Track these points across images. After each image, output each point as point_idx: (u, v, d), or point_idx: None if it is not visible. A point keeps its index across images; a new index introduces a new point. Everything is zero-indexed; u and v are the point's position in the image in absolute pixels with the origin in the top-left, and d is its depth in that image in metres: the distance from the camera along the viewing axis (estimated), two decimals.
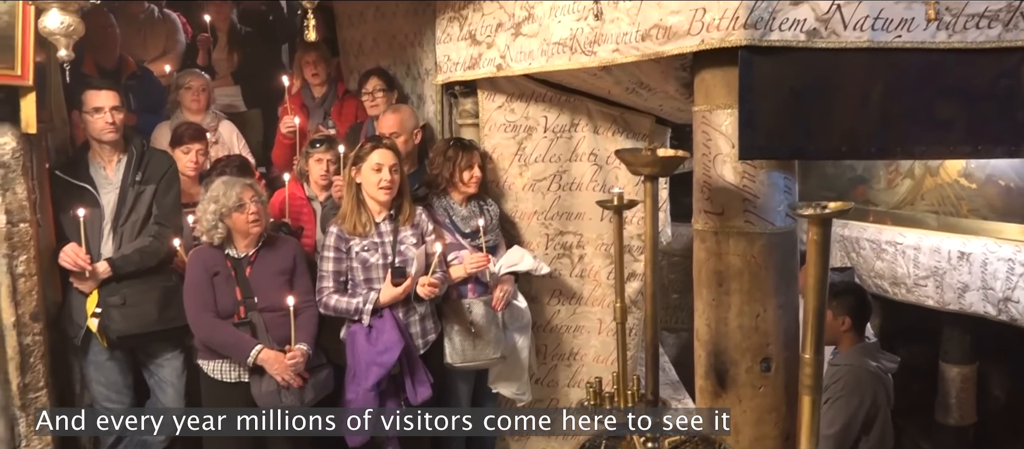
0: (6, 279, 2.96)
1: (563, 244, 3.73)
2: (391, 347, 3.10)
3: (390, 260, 3.21)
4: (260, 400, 3.01)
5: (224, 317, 3.04)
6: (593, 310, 3.77)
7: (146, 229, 3.34)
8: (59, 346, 3.40)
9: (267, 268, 3.12)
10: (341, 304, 3.18)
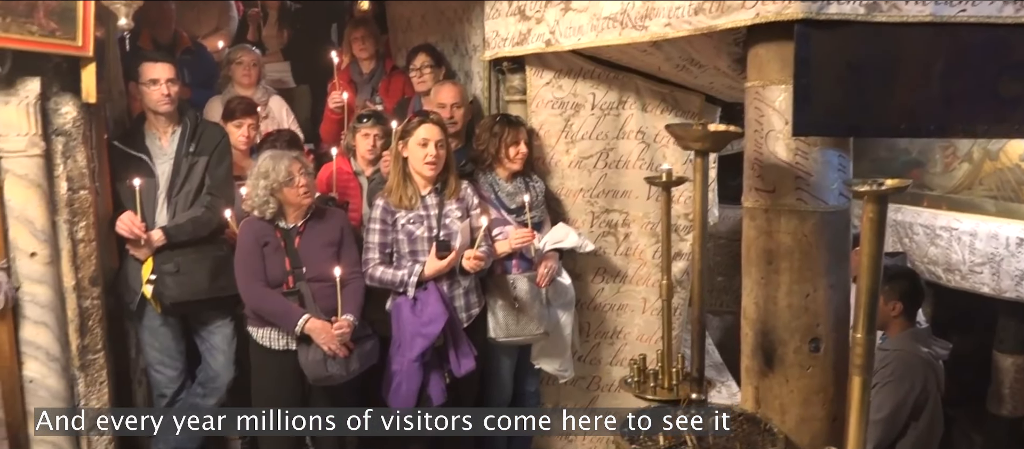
0: (67, 244, 3.05)
1: (608, 222, 3.71)
2: (435, 319, 3.13)
3: (435, 233, 3.23)
4: (307, 368, 3.07)
5: (273, 286, 3.09)
6: (637, 289, 3.75)
7: (199, 199, 3.42)
8: (116, 311, 3.50)
9: (315, 239, 3.17)
10: (386, 276, 3.22)
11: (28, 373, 2.96)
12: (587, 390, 3.90)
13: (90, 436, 3.19)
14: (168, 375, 3.55)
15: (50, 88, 2.98)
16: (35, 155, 2.89)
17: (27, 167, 2.87)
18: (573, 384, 3.85)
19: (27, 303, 2.93)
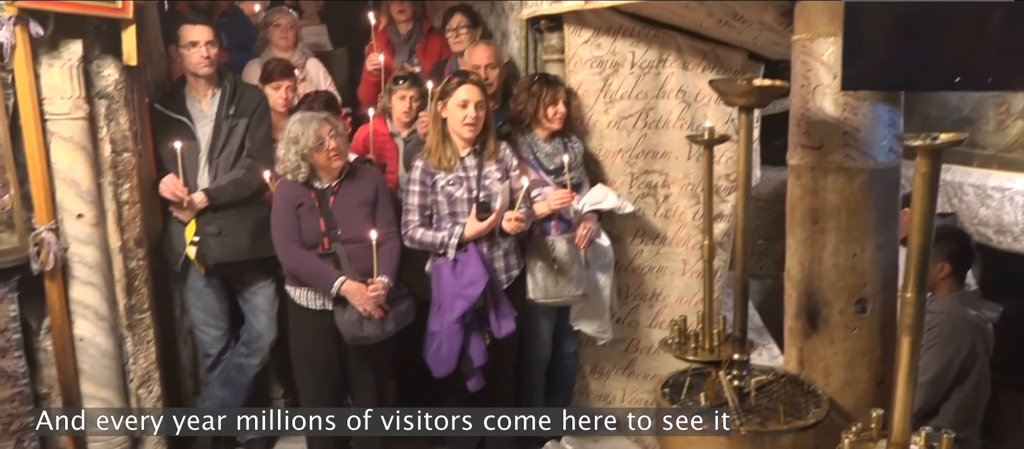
0: (112, 205, 3.10)
1: (648, 183, 3.66)
2: (476, 281, 3.13)
3: (475, 195, 3.22)
4: (343, 328, 3.10)
5: (309, 248, 3.11)
6: (677, 251, 3.71)
7: (239, 162, 3.46)
8: (160, 272, 3.57)
9: (350, 199, 3.17)
10: (426, 237, 3.22)
11: (78, 331, 3.03)
12: (626, 352, 3.89)
13: (138, 392, 3.26)
14: (212, 335, 3.63)
15: (92, 51, 3.01)
16: (79, 118, 2.93)
17: (72, 129, 2.91)
18: (611, 346, 3.84)
19: (75, 264, 2.98)
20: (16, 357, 2.88)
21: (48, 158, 2.89)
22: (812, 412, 2.35)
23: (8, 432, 2.87)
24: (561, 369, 3.79)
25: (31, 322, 2.97)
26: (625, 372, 3.92)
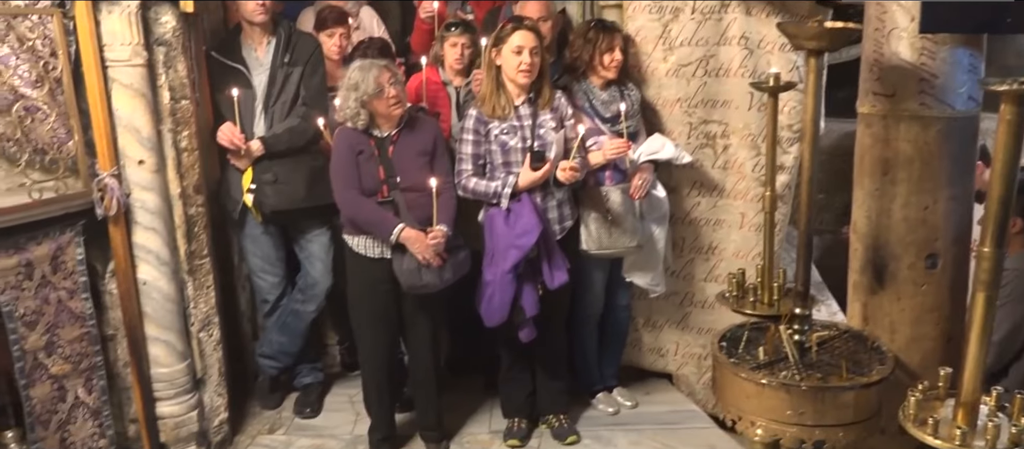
0: (171, 152, 3.14)
1: (707, 133, 3.57)
2: (529, 231, 3.10)
3: (529, 144, 3.17)
4: (401, 276, 3.11)
5: (368, 195, 3.11)
6: (735, 203, 3.62)
7: (294, 110, 3.47)
8: (219, 219, 3.63)
9: (409, 148, 3.16)
10: (479, 187, 3.20)
11: (141, 276, 3.10)
12: (680, 306, 3.84)
13: (199, 336, 3.34)
14: (269, 281, 3.69)
15: None
16: (138, 65, 2.95)
17: (132, 76, 2.94)
18: (665, 299, 3.79)
19: (138, 209, 3.04)
20: (83, 299, 2.97)
21: (110, 105, 2.93)
22: (876, 369, 2.28)
23: (78, 371, 2.97)
24: (613, 322, 3.76)
25: (97, 266, 3.05)
26: (678, 326, 3.87)
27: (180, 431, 3.27)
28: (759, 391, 2.26)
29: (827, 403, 2.21)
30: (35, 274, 2.82)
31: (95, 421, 3.05)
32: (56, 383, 2.91)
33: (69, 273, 2.92)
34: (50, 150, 2.85)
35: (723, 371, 2.41)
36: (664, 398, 3.92)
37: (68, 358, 2.94)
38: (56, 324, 2.89)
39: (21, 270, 2.77)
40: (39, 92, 2.80)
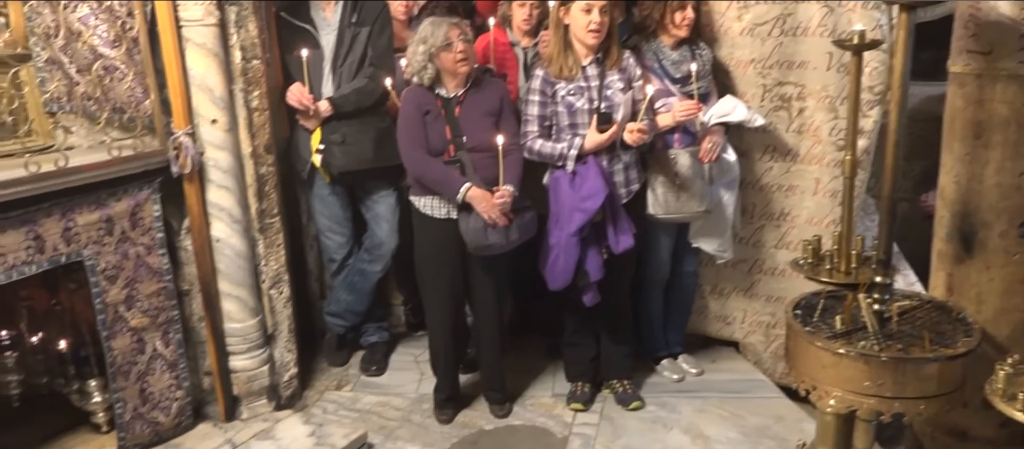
0: (243, 111, 3.18)
1: (781, 95, 3.44)
2: (595, 194, 3.05)
3: (596, 105, 3.12)
4: (467, 236, 3.10)
5: (434, 155, 3.11)
6: (809, 169, 3.49)
7: (362, 70, 3.48)
8: (288, 179, 3.68)
9: (476, 109, 3.14)
10: (545, 149, 3.16)
11: (215, 233, 3.17)
12: (748, 273, 3.75)
13: (270, 293, 3.41)
14: (337, 241, 3.74)
15: None
16: (211, 24, 2.99)
17: (205, 36, 2.98)
18: (732, 266, 3.71)
19: (211, 168, 3.10)
20: (160, 254, 3.05)
21: (184, 64, 2.97)
22: (961, 341, 2.18)
23: (156, 324, 3.07)
24: (679, 288, 3.70)
25: (172, 222, 3.13)
26: (746, 293, 3.79)
27: (252, 385, 3.36)
28: (836, 361, 2.19)
29: (908, 375, 2.13)
30: (115, 229, 2.90)
31: (172, 373, 3.15)
32: (135, 335, 3.02)
33: (147, 229, 3.00)
34: (128, 108, 2.92)
35: (797, 340, 2.34)
36: (730, 366, 3.86)
37: (146, 311, 3.03)
38: (135, 278, 2.98)
39: (102, 225, 2.86)
40: (117, 52, 2.86)
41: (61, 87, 2.91)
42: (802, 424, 3.32)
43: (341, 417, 3.50)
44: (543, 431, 3.37)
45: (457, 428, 3.42)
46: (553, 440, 3.30)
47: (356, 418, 3.49)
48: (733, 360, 3.91)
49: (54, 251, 2.74)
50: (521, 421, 3.46)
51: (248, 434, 3.23)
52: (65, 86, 2.91)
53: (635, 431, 3.34)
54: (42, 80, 2.91)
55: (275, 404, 3.46)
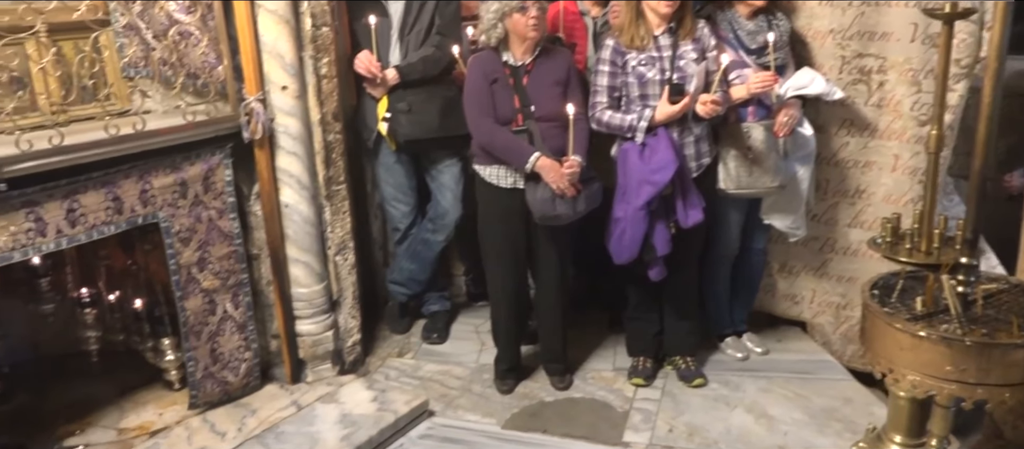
0: (312, 79, 3.21)
1: (861, 68, 3.31)
2: (665, 166, 2.99)
3: (667, 76, 3.04)
4: (534, 206, 3.08)
5: (502, 124, 3.08)
6: (888, 144, 3.36)
7: (429, 39, 3.47)
8: (354, 148, 3.71)
9: (544, 78, 3.10)
10: (614, 120, 3.10)
11: (284, 198, 3.22)
12: (819, 252, 3.64)
13: (335, 259, 3.46)
14: (401, 210, 3.76)
15: None
16: None
17: (277, 3, 3.00)
18: (804, 244, 3.61)
19: (281, 134, 3.14)
20: (231, 219, 3.11)
21: (256, 31, 3.00)
22: None
23: (226, 286, 3.14)
24: (748, 264, 3.61)
25: (243, 187, 3.18)
26: (816, 273, 3.68)
27: (317, 349, 3.42)
28: (916, 344, 2.10)
29: (994, 361, 2.03)
30: (189, 193, 2.97)
31: (241, 334, 3.23)
32: (207, 297, 3.09)
33: (219, 193, 3.06)
34: (202, 74, 2.96)
35: (875, 321, 2.25)
36: (797, 347, 3.77)
37: (217, 274, 3.10)
38: (207, 241, 3.05)
39: (177, 188, 2.93)
40: (192, 17, 2.91)
41: (138, 52, 2.97)
42: (872, 408, 3.23)
43: (403, 384, 3.54)
44: (604, 405, 3.35)
45: (517, 399, 3.43)
46: (614, 414, 3.28)
47: (417, 385, 3.53)
48: (800, 340, 3.82)
49: (132, 212, 2.82)
50: (582, 394, 3.44)
51: (313, 396, 3.29)
52: (142, 51, 2.97)
53: (697, 408, 3.30)
54: (120, 45, 2.98)
55: (339, 369, 3.51)
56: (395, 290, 3.93)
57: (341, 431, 3.03)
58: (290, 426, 3.08)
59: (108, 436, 3.06)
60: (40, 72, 2.74)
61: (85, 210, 2.67)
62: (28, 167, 2.46)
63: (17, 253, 2.53)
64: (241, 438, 3.00)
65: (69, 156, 2.56)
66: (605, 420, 3.24)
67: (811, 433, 3.10)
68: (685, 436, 3.11)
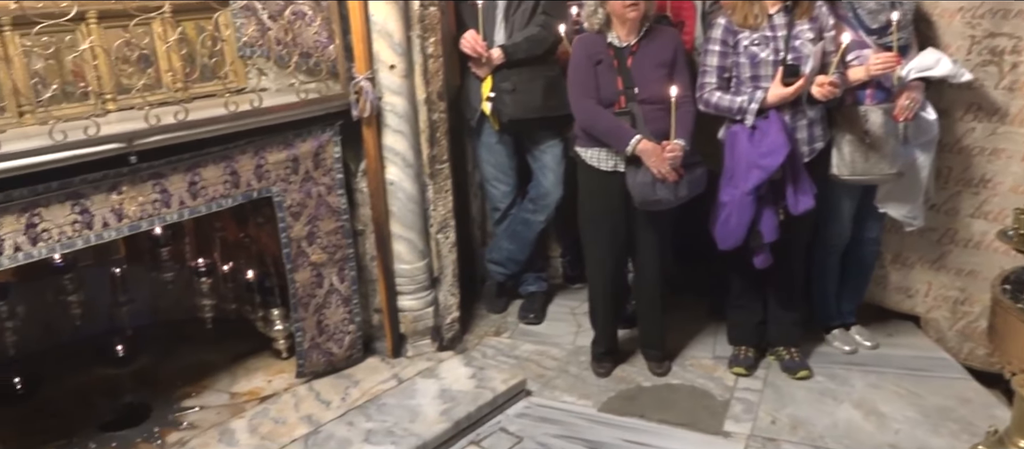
0: (419, 58, 3.24)
1: (992, 49, 3.11)
2: (776, 150, 2.89)
3: (781, 56, 2.94)
4: (634, 190, 3.04)
5: (605, 106, 3.04)
6: (1019, 131, 3.15)
7: (534, 19, 3.45)
8: (456, 127, 3.73)
9: (648, 59, 3.04)
10: (723, 102, 3.02)
11: (389, 176, 3.27)
12: (937, 243, 3.46)
13: (437, 237, 3.50)
14: (502, 190, 3.78)
15: None
16: None
17: None
18: (920, 235, 3.43)
19: (388, 113, 3.19)
20: (339, 194, 3.19)
21: (366, 10, 3.05)
22: None
23: (333, 260, 3.23)
24: (859, 255, 3.47)
25: (350, 164, 3.26)
26: (933, 265, 3.50)
27: (417, 324, 3.48)
28: None
29: None
30: (300, 168, 3.06)
31: (346, 307, 3.31)
32: (315, 270, 3.18)
33: (328, 170, 3.14)
34: (314, 53, 3.04)
35: (1006, 318, 2.13)
36: (909, 342, 3.60)
37: (325, 248, 3.19)
38: (316, 216, 3.14)
39: (289, 164, 3.02)
40: None
41: (255, 32, 3.07)
42: (992, 410, 3.06)
43: (500, 362, 3.57)
44: (703, 392, 3.29)
45: (614, 382, 3.41)
46: (714, 402, 3.22)
47: (514, 364, 3.55)
48: (912, 335, 3.64)
49: (247, 186, 2.92)
50: (680, 380, 3.39)
51: (413, 371, 3.36)
52: (258, 31, 3.07)
53: (802, 401, 3.20)
54: (238, 25, 3.08)
55: (437, 345, 3.57)
56: (493, 269, 3.96)
57: (441, 406, 3.08)
58: (391, 398, 3.15)
59: (221, 399, 3.21)
60: (165, 51, 2.87)
61: (205, 183, 2.79)
62: (156, 141, 2.59)
63: (145, 222, 2.67)
64: (345, 407, 3.09)
65: (192, 131, 2.68)
66: (705, 408, 3.19)
67: (925, 433, 2.96)
68: (788, 429, 3.03)
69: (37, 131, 2.47)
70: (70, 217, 2.48)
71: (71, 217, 2.48)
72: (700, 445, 2.96)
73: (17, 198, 2.35)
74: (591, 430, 3.07)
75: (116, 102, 2.78)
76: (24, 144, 2.35)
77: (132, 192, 2.60)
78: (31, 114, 2.58)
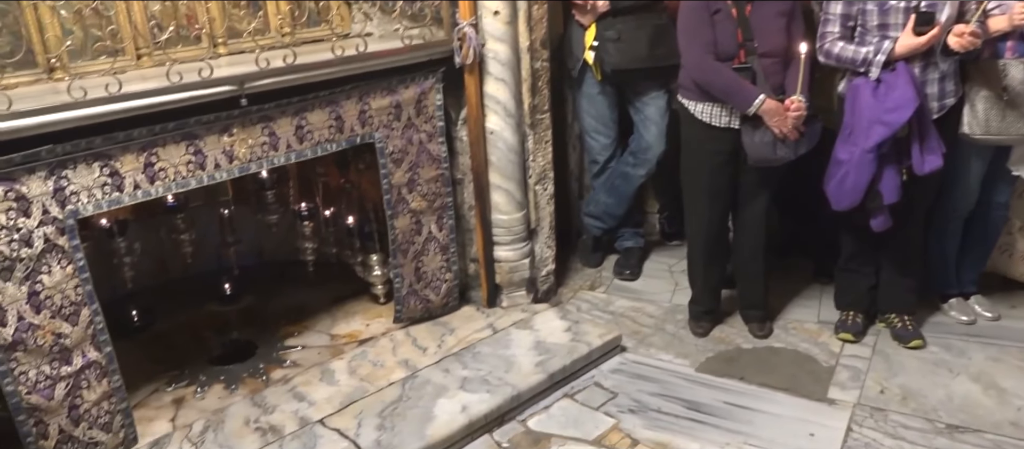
0: (523, 4, 3.16)
1: None
2: (903, 106, 2.70)
3: (914, 4, 2.73)
4: (751, 150, 2.90)
5: (722, 60, 2.89)
6: None
7: None
8: (557, 77, 3.65)
9: (768, 9, 2.87)
10: (846, 53, 2.84)
11: (489, 125, 3.23)
12: None
13: (535, 188, 3.46)
14: (601, 142, 3.70)
15: None
16: None
17: None
18: None
19: (490, 60, 3.13)
20: (440, 142, 3.18)
21: None
22: None
23: (432, 208, 3.23)
24: (985, 220, 3.24)
25: (451, 112, 3.23)
26: None
27: (513, 276, 3.47)
28: None
29: None
30: (402, 115, 3.05)
31: (443, 255, 3.32)
32: (414, 217, 3.20)
33: (429, 117, 3.13)
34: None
35: None
36: None
37: (425, 196, 3.19)
38: (417, 163, 3.13)
39: (392, 110, 3.01)
40: None
41: None
42: None
43: (594, 317, 3.53)
44: (807, 357, 3.17)
45: (713, 342, 3.32)
46: (818, 368, 3.10)
47: (609, 320, 3.51)
48: None
49: (351, 132, 2.93)
50: (782, 344, 3.28)
51: (508, 321, 3.35)
52: None
53: (914, 371, 3.04)
54: None
55: (532, 297, 3.55)
56: (590, 223, 3.90)
57: (536, 357, 3.07)
58: (486, 347, 3.16)
59: (322, 340, 3.29)
60: None
61: (311, 127, 2.81)
62: (265, 84, 2.61)
63: (254, 164, 2.71)
64: (441, 354, 3.12)
65: (300, 75, 2.69)
66: (808, 374, 3.07)
67: None
68: (898, 400, 2.89)
69: (154, 73, 2.53)
70: (185, 157, 2.54)
71: (186, 157, 2.54)
72: (804, 411, 2.86)
73: (137, 137, 2.42)
74: (689, 389, 3.00)
75: (227, 46, 2.83)
76: (143, 85, 2.41)
77: (242, 134, 2.64)
78: (148, 56, 2.64)
